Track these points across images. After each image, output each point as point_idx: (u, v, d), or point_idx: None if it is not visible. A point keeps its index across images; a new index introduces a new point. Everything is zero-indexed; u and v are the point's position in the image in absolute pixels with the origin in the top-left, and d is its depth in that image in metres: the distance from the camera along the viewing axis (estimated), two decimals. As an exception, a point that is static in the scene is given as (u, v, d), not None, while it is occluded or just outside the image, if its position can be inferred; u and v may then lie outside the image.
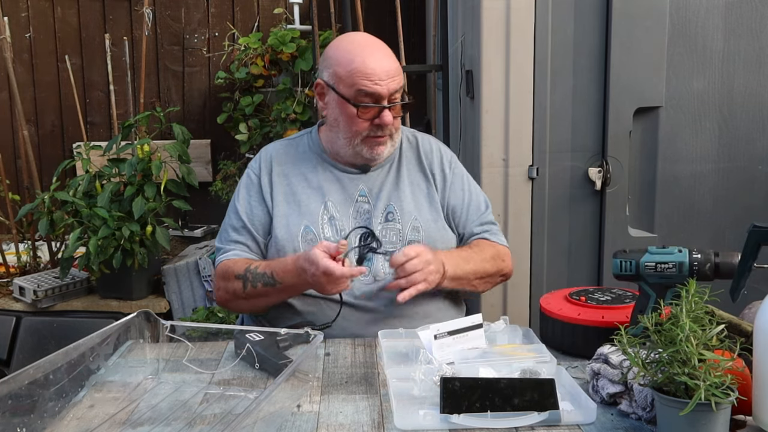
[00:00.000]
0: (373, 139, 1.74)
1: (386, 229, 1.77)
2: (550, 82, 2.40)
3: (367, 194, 1.80)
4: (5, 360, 3.07)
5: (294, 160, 1.85)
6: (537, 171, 2.44)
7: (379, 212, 1.78)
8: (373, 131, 1.73)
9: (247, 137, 3.91)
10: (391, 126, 1.74)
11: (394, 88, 1.71)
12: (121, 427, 1.22)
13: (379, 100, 1.71)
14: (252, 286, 1.69)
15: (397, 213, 1.79)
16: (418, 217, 1.79)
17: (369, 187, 1.81)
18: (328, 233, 1.75)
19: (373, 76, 1.69)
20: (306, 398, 1.32)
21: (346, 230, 1.75)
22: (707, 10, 2.34)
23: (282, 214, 1.77)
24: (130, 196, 3.03)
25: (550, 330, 1.56)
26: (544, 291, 1.77)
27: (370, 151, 1.76)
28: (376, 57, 1.72)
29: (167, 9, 4.26)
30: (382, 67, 1.70)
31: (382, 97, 1.70)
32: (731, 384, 1.04)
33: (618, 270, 1.39)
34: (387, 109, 1.71)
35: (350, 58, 1.71)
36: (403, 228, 1.77)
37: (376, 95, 1.70)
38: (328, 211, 1.77)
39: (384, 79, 1.69)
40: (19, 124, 3.48)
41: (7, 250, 3.52)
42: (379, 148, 1.76)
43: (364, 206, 1.79)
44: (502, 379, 1.21)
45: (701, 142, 2.41)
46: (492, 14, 2.37)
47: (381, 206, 1.79)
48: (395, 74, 1.71)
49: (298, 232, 1.75)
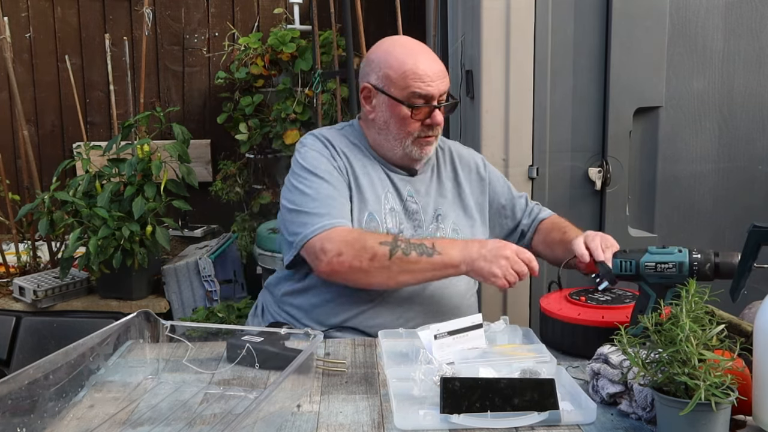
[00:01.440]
0: (423, 140, 1.79)
1: (437, 230, 1.83)
2: (550, 82, 2.40)
3: (414, 195, 1.84)
4: (5, 360, 3.07)
5: (351, 149, 1.85)
6: (537, 171, 2.44)
7: (429, 215, 1.84)
8: (424, 132, 1.78)
9: (247, 137, 3.91)
10: (439, 127, 1.79)
11: (444, 89, 1.77)
12: (121, 427, 1.22)
13: (430, 100, 1.75)
14: (403, 253, 1.62)
15: (442, 218, 1.85)
16: (455, 221, 1.86)
17: (416, 189, 1.85)
18: (390, 224, 1.78)
19: (425, 77, 1.74)
20: (306, 398, 1.32)
21: (404, 224, 1.79)
22: (707, 10, 2.34)
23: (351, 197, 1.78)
24: (130, 196, 3.03)
25: (550, 330, 1.56)
26: (544, 291, 1.76)
27: (420, 151, 1.80)
28: (427, 59, 1.77)
29: (167, 9, 4.25)
30: (432, 69, 1.75)
31: (433, 97, 1.75)
32: (731, 384, 1.04)
33: (618, 270, 1.40)
34: (438, 109, 1.76)
35: (402, 60, 1.75)
36: (446, 231, 1.84)
37: (428, 96, 1.75)
38: (389, 202, 1.81)
39: (435, 80, 1.74)
40: (19, 124, 3.48)
41: (7, 250, 3.51)
42: (428, 147, 1.81)
43: (412, 206, 1.83)
44: (502, 379, 1.21)
45: (701, 142, 2.41)
46: (492, 14, 2.37)
47: (431, 210, 1.85)
48: (444, 75, 1.77)
49: (363, 218, 1.76)
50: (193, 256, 3.47)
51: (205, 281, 3.41)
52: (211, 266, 3.40)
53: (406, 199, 1.83)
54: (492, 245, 1.64)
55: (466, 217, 1.90)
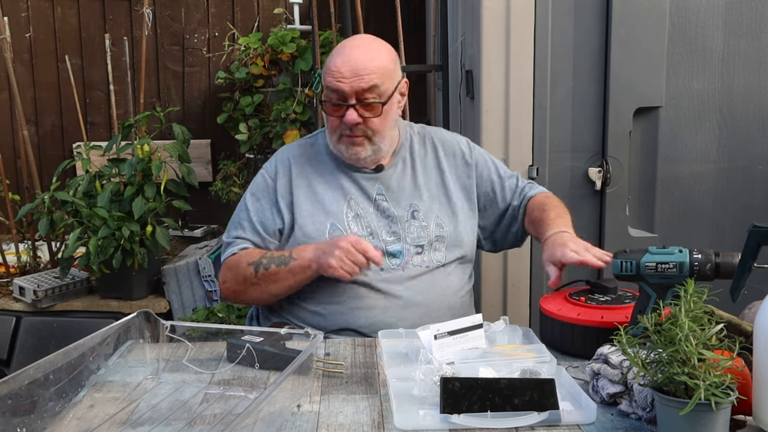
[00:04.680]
0: (347, 139, 1.75)
1: (412, 226, 1.80)
2: (550, 82, 2.40)
3: (384, 193, 1.81)
4: (5, 360, 3.07)
5: (311, 161, 1.85)
6: (537, 171, 2.44)
7: (403, 210, 1.81)
8: (345, 130, 1.74)
9: (247, 137, 3.91)
10: (363, 126, 1.73)
11: (361, 86, 1.69)
12: (121, 427, 1.22)
13: (346, 98, 1.70)
14: (264, 269, 1.71)
15: (421, 212, 1.81)
16: (439, 214, 1.82)
17: (386, 185, 1.82)
18: (356, 230, 1.77)
19: (336, 73, 1.70)
20: (306, 398, 1.32)
21: (372, 227, 1.77)
22: (707, 10, 2.34)
23: (307, 214, 1.79)
24: (130, 196, 3.03)
25: (550, 330, 1.56)
26: (544, 291, 1.77)
27: (347, 150, 1.77)
28: (349, 55, 1.71)
29: (167, 9, 4.26)
30: (349, 64, 1.69)
31: (347, 95, 1.70)
32: (731, 384, 1.04)
33: (618, 270, 1.39)
34: (351, 107, 1.70)
35: (331, 55, 1.74)
36: (429, 225, 1.80)
37: (341, 92, 1.70)
38: (352, 209, 1.79)
39: (348, 77, 1.69)
40: (19, 124, 3.48)
41: (7, 250, 3.52)
42: (354, 148, 1.76)
43: (383, 204, 1.81)
44: (502, 379, 1.21)
45: (701, 142, 2.41)
46: (492, 14, 2.37)
47: (405, 205, 1.81)
48: (365, 73, 1.69)
49: (325, 230, 1.77)
50: (193, 256, 3.47)
51: (205, 281, 3.41)
52: (211, 266, 3.40)
53: (375, 199, 1.81)
54: (333, 240, 1.67)
55: (450, 205, 1.85)
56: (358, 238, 1.66)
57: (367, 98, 1.71)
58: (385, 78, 1.72)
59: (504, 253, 2.45)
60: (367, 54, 1.72)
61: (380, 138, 1.77)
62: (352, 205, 1.79)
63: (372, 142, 1.76)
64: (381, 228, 1.78)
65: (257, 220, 1.81)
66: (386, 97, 1.73)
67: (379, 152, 1.79)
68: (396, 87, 1.77)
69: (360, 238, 1.67)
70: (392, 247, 1.77)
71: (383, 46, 1.79)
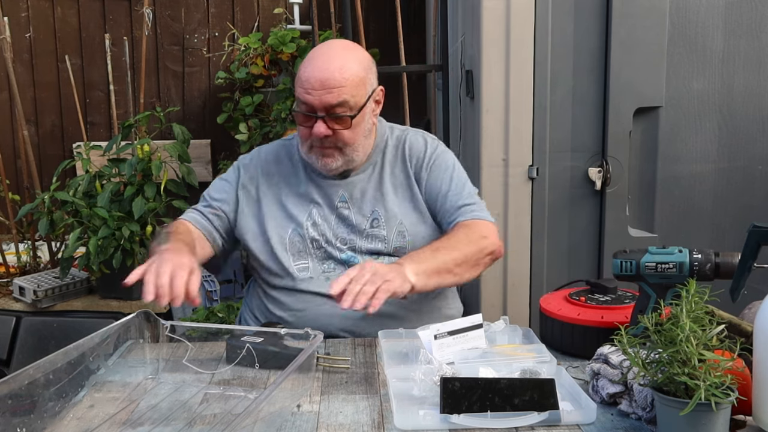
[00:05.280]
0: (318, 149, 1.71)
1: (371, 235, 1.76)
2: (550, 82, 2.40)
3: (347, 200, 1.78)
4: (5, 360, 3.07)
5: (283, 163, 1.85)
6: (537, 171, 2.44)
7: (364, 219, 1.77)
8: (315, 141, 1.70)
9: (247, 137, 3.91)
10: (333, 138, 1.68)
11: (330, 101, 1.64)
12: (121, 427, 1.22)
13: (314, 110, 1.67)
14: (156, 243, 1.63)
15: (382, 219, 1.76)
16: (403, 222, 1.76)
17: (349, 192, 1.78)
18: (315, 235, 1.76)
19: (306, 84, 1.66)
20: (306, 398, 1.32)
21: (328, 235, 1.75)
22: (707, 10, 2.34)
23: (272, 216, 1.78)
24: (130, 196, 3.03)
25: (550, 330, 1.56)
26: (544, 291, 1.77)
27: (318, 161, 1.73)
28: (320, 66, 1.66)
29: (167, 9, 4.25)
30: (316, 76, 1.65)
31: (316, 107, 1.66)
32: (731, 384, 1.04)
33: (618, 270, 1.39)
34: (320, 119, 1.66)
35: (303, 64, 1.70)
36: (389, 234, 1.76)
37: (308, 104, 1.66)
38: (311, 217, 1.77)
39: (318, 89, 1.64)
40: (19, 124, 3.48)
41: (7, 250, 3.51)
42: (324, 159, 1.72)
43: (344, 212, 1.77)
44: (502, 379, 1.21)
45: (701, 142, 2.41)
46: (492, 14, 2.37)
47: (366, 212, 1.77)
48: (335, 86, 1.64)
49: (286, 234, 1.77)
50: (193, 256, 3.46)
51: (205, 281, 3.41)
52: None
53: (337, 206, 1.77)
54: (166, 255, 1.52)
55: (416, 212, 1.78)
56: (184, 272, 1.46)
57: (337, 111, 1.66)
58: (357, 89, 1.67)
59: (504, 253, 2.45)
60: (336, 64, 1.66)
61: (352, 149, 1.73)
62: (313, 212, 1.77)
63: (343, 153, 1.72)
64: (338, 236, 1.75)
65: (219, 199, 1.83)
66: (357, 110, 1.68)
67: (351, 162, 1.75)
68: (369, 96, 1.72)
69: (188, 272, 1.47)
70: (344, 255, 1.75)
71: (355, 54, 1.72)
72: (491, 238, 1.71)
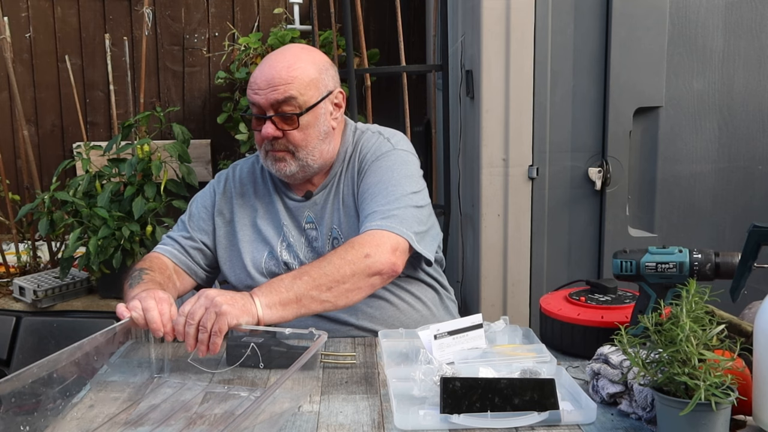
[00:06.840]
0: (271, 154, 1.68)
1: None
2: (550, 82, 2.40)
3: (314, 220, 1.74)
4: (5, 360, 3.07)
5: (258, 183, 1.82)
6: (537, 171, 2.44)
7: (325, 238, 1.72)
8: (267, 145, 1.67)
9: (247, 137, 3.90)
10: (284, 141, 1.65)
11: (275, 98, 1.61)
12: (121, 427, 1.22)
13: (263, 111, 1.64)
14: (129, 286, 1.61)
15: (342, 238, 1.70)
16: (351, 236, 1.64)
17: (315, 213, 1.74)
18: (287, 258, 1.74)
19: (254, 84, 1.64)
20: (306, 398, 1.32)
21: (300, 258, 1.72)
22: (707, 10, 2.34)
23: (247, 240, 1.77)
24: (130, 196, 3.03)
25: (550, 330, 1.56)
26: (544, 291, 1.77)
27: (273, 166, 1.69)
28: (268, 66, 1.64)
29: (167, 9, 4.26)
30: (264, 75, 1.63)
31: (264, 107, 1.63)
32: (731, 384, 1.04)
33: (618, 270, 1.40)
34: (269, 120, 1.63)
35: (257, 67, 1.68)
36: None
37: (257, 105, 1.64)
38: (285, 239, 1.75)
39: (263, 88, 1.62)
40: (19, 124, 3.47)
41: (7, 250, 3.51)
42: (278, 164, 1.67)
43: (312, 233, 1.74)
44: (502, 379, 1.21)
45: (701, 142, 2.41)
46: (492, 14, 2.37)
47: (326, 231, 1.72)
48: (281, 83, 1.61)
49: (262, 257, 1.75)
50: (193, 256, 3.46)
51: (205, 281, 3.40)
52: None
53: (304, 228, 1.74)
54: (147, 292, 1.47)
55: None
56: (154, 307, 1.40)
57: (284, 110, 1.62)
58: (306, 88, 1.63)
59: (504, 253, 2.45)
60: (284, 63, 1.64)
61: (305, 153, 1.67)
62: (285, 235, 1.75)
63: (296, 157, 1.67)
64: (308, 259, 1.70)
65: (192, 223, 1.81)
66: (305, 109, 1.63)
67: (307, 168, 1.69)
68: (324, 98, 1.67)
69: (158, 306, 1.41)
70: None
71: (309, 56, 1.69)
72: (380, 255, 1.52)
